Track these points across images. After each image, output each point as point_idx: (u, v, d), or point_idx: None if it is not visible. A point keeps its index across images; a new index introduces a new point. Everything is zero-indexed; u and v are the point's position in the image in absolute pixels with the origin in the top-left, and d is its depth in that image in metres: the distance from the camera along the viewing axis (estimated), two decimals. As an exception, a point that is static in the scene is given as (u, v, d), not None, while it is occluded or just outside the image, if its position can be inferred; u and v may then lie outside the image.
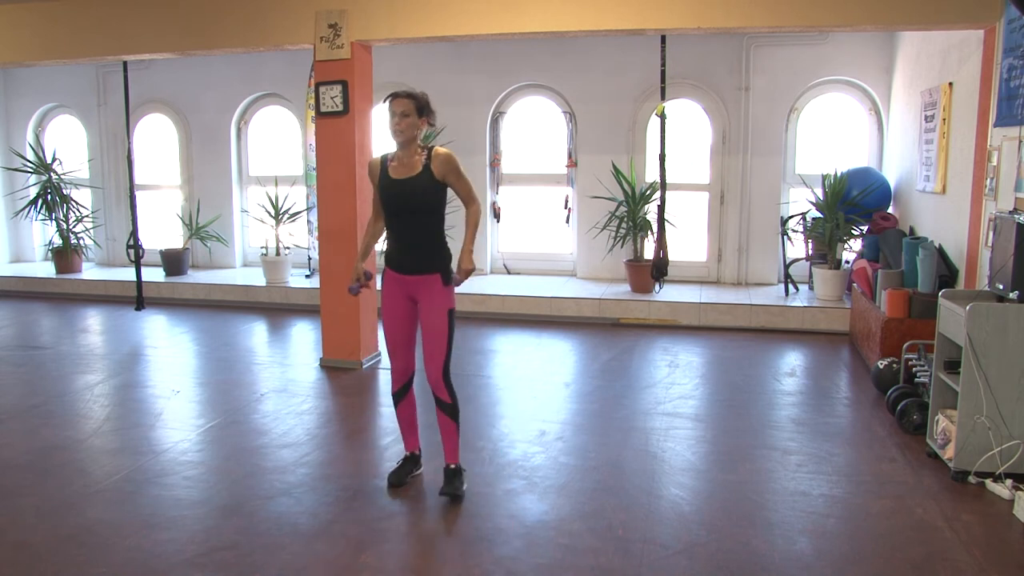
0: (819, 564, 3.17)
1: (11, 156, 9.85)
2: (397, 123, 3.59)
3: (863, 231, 7.18)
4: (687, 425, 4.76)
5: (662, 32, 5.87)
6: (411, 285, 3.70)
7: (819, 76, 7.90)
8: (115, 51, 6.46)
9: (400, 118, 3.58)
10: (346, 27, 5.75)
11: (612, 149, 8.31)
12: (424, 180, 3.61)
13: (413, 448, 3.99)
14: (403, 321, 3.77)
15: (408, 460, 3.97)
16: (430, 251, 3.68)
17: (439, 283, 3.68)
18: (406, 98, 3.60)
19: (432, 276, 3.67)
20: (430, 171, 3.61)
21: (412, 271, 3.68)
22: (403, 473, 3.92)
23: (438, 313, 3.68)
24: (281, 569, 3.14)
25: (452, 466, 3.81)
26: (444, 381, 3.72)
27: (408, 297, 3.74)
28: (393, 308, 3.76)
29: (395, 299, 3.75)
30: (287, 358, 6.55)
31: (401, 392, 3.87)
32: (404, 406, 3.91)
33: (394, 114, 3.59)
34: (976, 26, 5.13)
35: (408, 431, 3.97)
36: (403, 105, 3.59)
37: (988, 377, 3.80)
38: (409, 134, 3.62)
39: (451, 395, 3.75)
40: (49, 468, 4.13)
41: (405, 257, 3.69)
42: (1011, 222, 4.12)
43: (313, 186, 7.58)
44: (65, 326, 7.70)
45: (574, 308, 7.55)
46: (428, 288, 3.68)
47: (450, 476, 3.78)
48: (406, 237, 3.68)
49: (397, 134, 3.61)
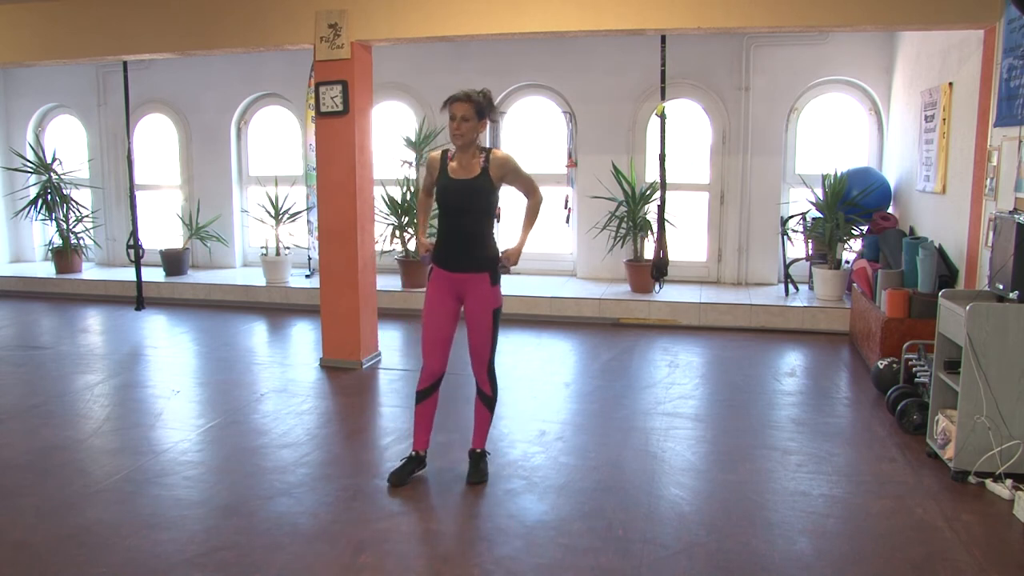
0: (819, 564, 3.17)
1: (11, 156, 9.84)
2: (456, 127, 3.60)
3: (863, 231, 7.17)
4: (687, 425, 4.76)
5: (662, 32, 5.87)
6: (460, 283, 3.77)
7: (819, 76, 7.90)
8: (115, 51, 6.45)
9: (460, 122, 3.59)
10: (346, 27, 5.75)
11: (612, 149, 8.31)
12: (482, 183, 3.67)
13: (421, 447, 3.96)
14: (446, 319, 3.81)
15: (412, 460, 3.94)
16: (480, 250, 3.74)
17: (487, 282, 3.75)
18: (465, 101, 3.60)
19: (481, 275, 3.74)
20: (488, 175, 3.67)
21: (462, 269, 3.75)
22: (405, 473, 3.89)
23: (484, 311, 3.76)
24: (281, 569, 3.14)
25: (479, 450, 3.96)
26: (488, 375, 3.85)
27: (455, 295, 3.80)
28: (438, 306, 3.80)
29: (441, 297, 3.80)
30: (287, 358, 6.55)
31: (427, 391, 3.88)
32: (426, 405, 3.91)
33: (453, 118, 3.60)
34: (976, 26, 5.12)
35: (422, 429, 3.95)
36: (463, 109, 3.59)
37: (988, 377, 3.80)
38: (469, 138, 3.63)
39: (493, 389, 3.90)
40: (49, 468, 4.13)
41: (456, 255, 3.75)
42: (1011, 222, 4.12)
43: (313, 186, 7.58)
44: (65, 326, 7.70)
45: (574, 308, 7.55)
46: (476, 287, 3.75)
47: (476, 460, 3.94)
48: (458, 236, 3.73)
49: (456, 138, 3.63)
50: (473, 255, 3.74)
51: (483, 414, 3.94)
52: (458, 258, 3.76)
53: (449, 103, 3.63)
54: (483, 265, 3.76)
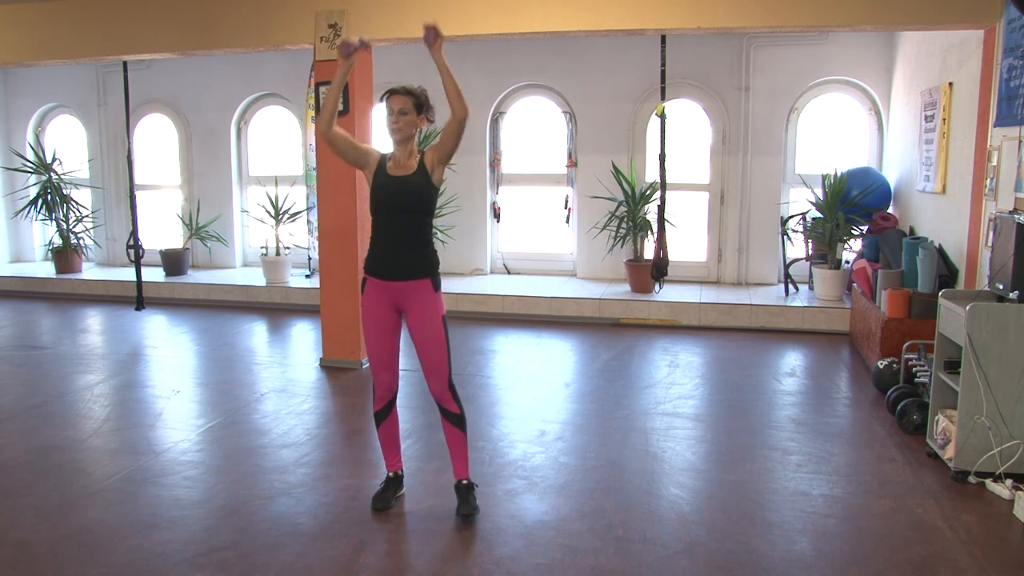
0: (819, 564, 3.16)
1: (11, 156, 9.84)
2: (395, 121, 3.43)
3: (863, 231, 7.18)
4: (687, 425, 4.76)
5: (662, 32, 5.87)
6: (397, 293, 3.48)
7: (819, 76, 7.90)
8: (115, 51, 6.46)
9: (398, 116, 3.43)
10: (346, 27, 5.75)
11: (612, 149, 8.31)
12: (419, 178, 3.46)
13: (396, 467, 3.75)
14: (388, 334, 3.54)
15: (391, 481, 3.72)
16: (419, 254, 3.47)
17: (429, 289, 3.47)
18: (404, 94, 3.45)
19: (421, 281, 3.46)
20: (424, 168, 3.47)
21: (399, 276, 3.46)
22: (388, 496, 3.68)
23: (432, 322, 3.46)
24: (281, 569, 3.14)
25: (464, 482, 3.59)
26: (450, 392, 3.53)
27: (393, 307, 3.52)
28: (377, 320, 3.53)
29: (379, 310, 3.52)
30: (287, 358, 6.55)
31: (385, 411, 3.64)
32: (387, 425, 3.66)
33: (392, 111, 3.44)
34: (976, 26, 5.13)
35: (391, 450, 3.72)
36: (401, 102, 3.43)
37: (988, 377, 3.80)
38: (407, 132, 3.46)
39: (459, 405, 3.55)
40: (49, 468, 4.13)
41: (392, 262, 3.46)
42: (1011, 222, 4.12)
43: (313, 186, 7.58)
44: (65, 326, 7.70)
45: (574, 308, 7.55)
46: (417, 295, 3.47)
47: (464, 493, 3.57)
48: (395, 239, 3.46)
49: (395, 132, 3.45)
50: (411, 260, 3.45)
51: (456, 436, 3.56)
52: (395, 264, 3.45)
53: (387, 95, 3.45)
54: (423, 270, 3.46)
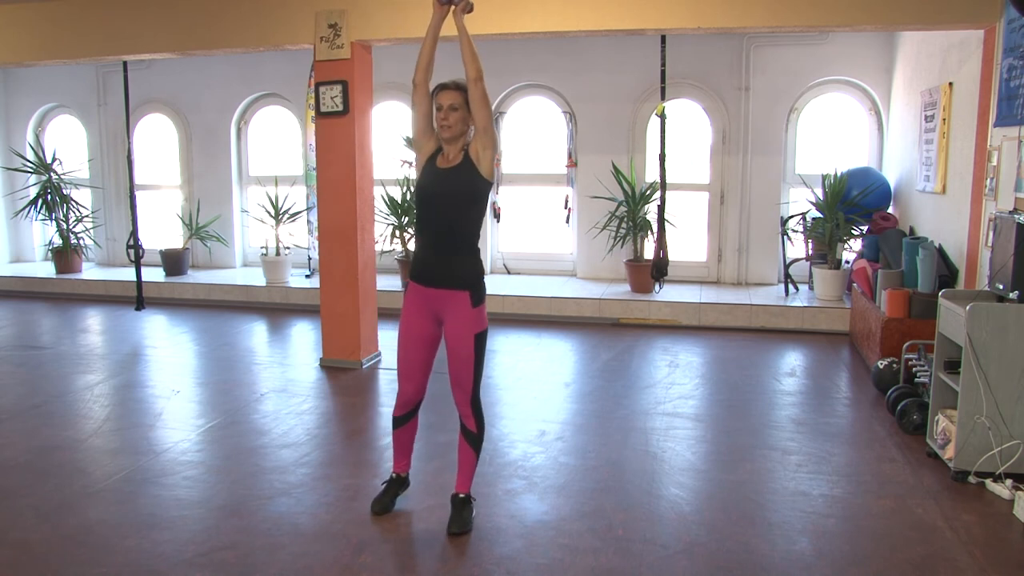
0: (819, 564, 3.16)
1: (11, 156, 9.84)
2: (444, 117, 3.24)
3: (863, 231, 7.18)
4: (687, 425, 4.76)
5: (662, 32, 5.87)
6: (436, 301, 3.32)
7: (819, 76, 7.90)
8: (115, 51, 6.45)
9: (448, 111, 3.24)
10: (346, 27, 5.74)
11: (612, 149, 8.31)
12: (465, 167, 3.27)
13: (403, 469, 3.66)
14: (423, 343, 3.40)
15: (394, 482, 3.65)
16: (461, 260, 3.30)
17: (467, 302, 3.28)
18: (454, 90, 3.26)
19: (460, 293, 3.28)
20: (468, 158, 3.28)
21: (439, 283, 3.30)
22: (389, 499, 3.61)
23: (465, 338, 3.30)
24: (281, 569, 3.14)
25: (462, 495, 3.47)
26: (472, 408, 3.39)
27: (432, 316, 3.36)
28: (413, 328, 3.38)
29: (417, 317, 3.37)
30: (287, 358, 6.55)
31: (405, 418, 3.54)
32: (405, 431, 3.58)
33: (441, 107, 3.24)
34: (976, 26, 5.12)
35: (402, 453, 3.64)
36: (451, 98, 3.24)
37: (988, 377, 3.80)
38: (458, 129, 3.27)
39: (479, 425, 3.42)
40: (49, 468, 4.13)
41: (433, 265, 3.31)
42: (1011, 222, 4.12)
43: (313, 186, 7.58)
44: (65, 326, 7.70)
45: (574, 308, 7.55)
46: (455, 307, 3.30)
47: (459, 506, 3.46)
48: (439, 238, 3.30)
49: (445, 129, 3.27)
50: (453, 266, 3.29)
51: (467, 454, 3.45)
52: (436, 268, 3.30)
53: (437, 91, 3.28)
54: (464, 281, 3.29)
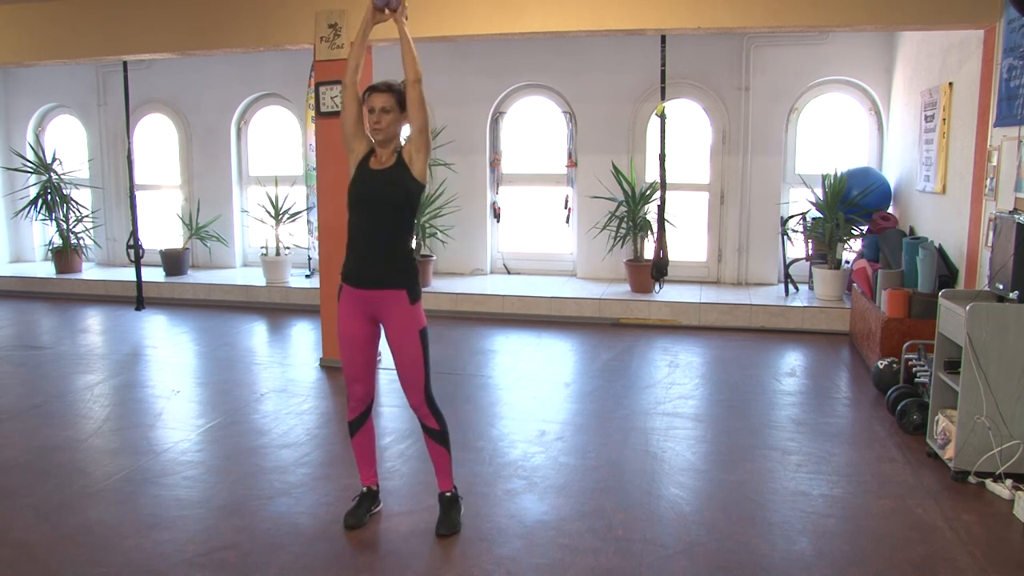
0: (819, 564, 3.16)
1: (11, 156, 9.84)
2: (377, 120, 3.24)
3: (863, 231, 7.18)
4: (687, 425, 4.76)
5: (662, 32, 5.87)
6: (372, 302, 3.29)
7: (819, 76, 7.90)
8: (115, 51, 6.45)
9: (380, 114, 3.24)
10: (346, 27, 5.74)
11: (612, 149, 8.31)
12: (397, 169, 3.27)
13: (371, 482, 3.57)
14: (363, 345, 3.37)
15: (365, 496, 3.55)
16: (394, 261, 3.27)
17: (405, 301, 3.26)
18: (385, 91, 3.26)
19: (397, 292, 3.25)
20: (402, 159, 3.28)
21: (373, 284, 3.27)
22: (362, 512, 3.51)
23: (408, 336, 3.27)
24: (281, 569, 3.14)
25: (448, 493, 3.45)
26: (429, 407, 3.36)
27: (368, 317, 3.33)
28: (351, 331, 3.35)
29: (354, 319, 3.34)
30: (287, 358, 6.55)
31: (359, 420, 3.47)
32: (362, 435, 3.50)
33: (373, 109, 3.25)
34: (976, 26, 5.13)
35: (365, 463, 3.55)
36: (383, 100, 3.24)
37: (988, 377, 3.80)
38: (390, 132, 3.28)
39: (439, 420, 3.39)
40: (49, 468, 4.13)
41: (366, 267, 3.28)
42: (1011, 222, 4.12)
43: (313, 186, 7.58)
44: (65, 326, 7.70)
45: (574, 308, 7.55)
46: (393, 307, 3.26)
47: (446, 507, 3.44)
48: (370, 242, 3.27)
49: (376, 132, 3.27)
50: (386, 266, 3.25)
51: (438, 452, 3.42)
52: (370, 269, 3.26)
53: (368, 93, 3.27)
54: (399, 279, 3.25)
